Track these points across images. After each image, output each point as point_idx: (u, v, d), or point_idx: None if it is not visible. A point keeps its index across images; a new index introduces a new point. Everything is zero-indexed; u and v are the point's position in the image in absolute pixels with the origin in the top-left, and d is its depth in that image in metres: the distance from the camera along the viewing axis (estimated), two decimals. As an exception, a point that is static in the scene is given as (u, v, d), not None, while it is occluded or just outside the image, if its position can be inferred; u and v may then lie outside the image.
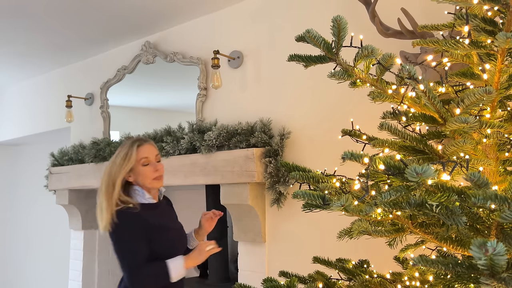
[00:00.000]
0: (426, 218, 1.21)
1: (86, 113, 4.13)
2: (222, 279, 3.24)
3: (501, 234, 1.08)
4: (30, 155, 5.63)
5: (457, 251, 1.21)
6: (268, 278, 1.43)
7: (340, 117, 2.44)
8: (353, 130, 1.54)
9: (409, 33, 2.01)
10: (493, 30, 1.15)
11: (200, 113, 3.19)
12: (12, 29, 3.44)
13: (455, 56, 1.30)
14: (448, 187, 1.03)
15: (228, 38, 3.08)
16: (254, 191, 2.65)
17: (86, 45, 3.85)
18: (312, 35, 1.18)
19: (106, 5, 3.06)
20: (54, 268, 5.11)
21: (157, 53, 3.48)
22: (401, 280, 1.46)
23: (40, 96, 4.74)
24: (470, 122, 1.07)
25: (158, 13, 3.21)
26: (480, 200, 0.92)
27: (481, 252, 0.81)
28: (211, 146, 2.76)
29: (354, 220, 1.32)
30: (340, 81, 1.28)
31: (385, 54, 1.23)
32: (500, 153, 1.28)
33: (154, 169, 1.94)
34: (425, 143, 1.23)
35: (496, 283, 0.86)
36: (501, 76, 1.19)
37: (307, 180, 1.37)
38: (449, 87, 1.30)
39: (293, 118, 2.69)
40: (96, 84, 4.02)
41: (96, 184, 2.93)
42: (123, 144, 1.99)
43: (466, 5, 1.16)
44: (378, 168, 1.04)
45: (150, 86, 3.75)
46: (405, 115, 1.27)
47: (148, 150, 1.95)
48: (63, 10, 3.12)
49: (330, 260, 1.60)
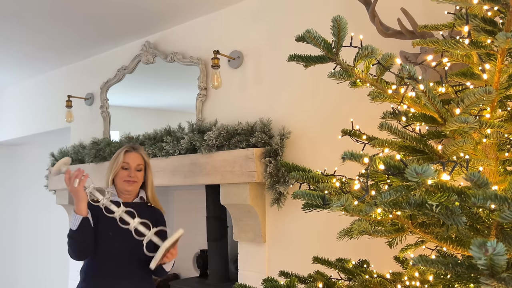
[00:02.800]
0: (426, 218, 1.21)
1: (86, 113, 4.13)
2: (222, 279, 3.23)
3: (501, 234, 1.08)
4: (30, 155, 5.63)
5: (457, 251, 1.21)
6: (268, 278, 1.43)
7: (340, 117, 2.44)
8: (353, 130, 1.54)
9: (409, 33, 2.01)
10: (493, 30, 1.15)
11: (200, 113, 3.19)
12: (12, 29, 3.44)
13: (455, 56, 1.30)
14: (448, 187, 1.03)
15: (228, 38, 3.08)
16: (254, 191, 2.65)
17: (86, 45, 3.85)
18: (312, 35, 1.18)
19: (106, 5, 3.06)
20: (54, 268, 5.12)
21: (157, 53, 3.48)
22: (401, 280, 1.46)
23: (40, 96, 4.74)
24: (470, 122, 1.07)
25: (158, 13, 3.21)
26: (480, 200, 0.92)
27: (481, 252, 0.81)
28: (211, 146, 2.76)
29: (354, 220, 1.32)
30: (340, 81, 1.28)
31: (385, 54, 1.23)
32: (500, 153, 1.28)
33: (129, 174, 2.20)
34: (425, 143, 1.23)
35: (496, 283, 0.86)
36: (501, 76, 1.19)
37: (307, 180, 1.37)
38: (449, 87, 1.30)
39: (293, 118, 2.69)
40: (96, 84, 4.02)
41: (96, 184, 2.93)
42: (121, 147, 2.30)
43: (466, 5, 1.16)
44: (378, 168, 1.04)
45: (150, 86, 3.75)
46: (405, 115, 1.27)
47: (132, 158, 2.23)
48: (63, 10, 3.12)
49: (330, 260, 1.60)
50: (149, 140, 3.17)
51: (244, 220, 2.73)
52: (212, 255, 3.25)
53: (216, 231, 3.23)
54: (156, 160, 3.08)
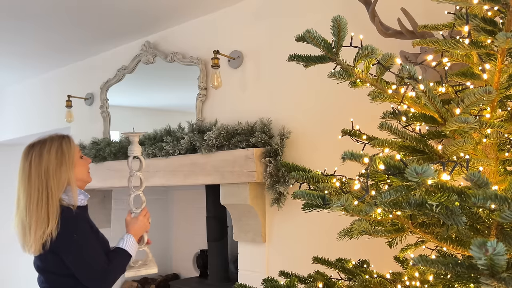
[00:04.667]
0: (426, 218, 1.21)
1: (86, 113, 4.13)
2: (222, 279, 3.24)
3: (501, 234, 1.08)
4: (30, 155, 5.62)
5: (457, 251, 1.21)
6: (268, 278, 1.43)
7: (340, 117, 2.44)
8: (353, 130, 1.54)
9: (409, 33, 2.01)
10: (493, 30, 1.15)
11: (200, 113, 3.19)
12: (12, 29, 3.44)
13: (455, 56, 1.30)
14: (448, 187, 1.03)
15: (228, 38, 3.08)
16: (254, 191, 2.65)
17: (86, 45, 3.85)
18: (312, 35, 1.18)
19: (106, 5, 3.06)
20: (54, 268, 5.11)
21: (157, 53, 3.49)
22: (401, 280, 1.46)
23: (40, 96, 4.74)
24: (470, 122, 1.07)
25: (158, 13, 3.21)
26: (480, 200, 0.92)
27: (481, 252, 0.81)
28: (211, 146, 2.76)
29: (354, 220, 1.32)
30: (340, 81, 1.28)
31: (385, 54, 1.23)
32: (500, 153, 1.28)
33: (88, 162, 2.02)
34: (425, 143, 1.23)
35: (496, 283, 0.86)
36: (501, 76, 1.19)
37: (307, 180, 1.37)
38: (449, 87, 1.30)
39: (293, 118, 2.69)
40: (96, 84, 4.02)
41: (96, 184, 2.93)
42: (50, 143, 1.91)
43: (466, 5, 1.16)
44: (378, 168, 1.04)
45: (150, 86, 3.76)
46: (405, 115, 1.27)
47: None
48: (63, 10, 3.12)
49: (330, 260, 1.60)
50: (149, 140, 3.17)
51: (244, 220, 2.73)
52: (212, 255, 3.25)
53: (216, 231, 3.23)
54: (156, 160, 3.08)
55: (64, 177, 1.83)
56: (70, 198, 1.84)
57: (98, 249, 1.85)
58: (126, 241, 1.93)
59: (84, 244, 1.80)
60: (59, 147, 1.88)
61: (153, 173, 3.08)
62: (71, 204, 1.82)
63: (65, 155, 1.87)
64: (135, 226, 1.99)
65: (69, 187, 1.85)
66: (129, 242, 1.93)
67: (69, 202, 1.83)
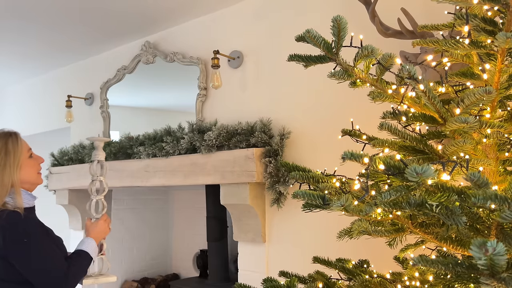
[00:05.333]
0: (426, 218, 1.21)
1: (86, 113, 4.13)
2: (222, 279, 3.24)
3: (501, 234, 1.08)
4: (30, 155, 5.62)
5: (457, 251, 1.21)
6: (268, 278, 1.43)
7: (340, 117, 2.44)
8: (353, 130, 1.54)
9: (409, 33, 2.01)
10: (493, 30, 1.15)
11: (200, 113, 3.19)
12: (12, 29, 3.44)
13: (455, 56, 1.30)
14: (448, 187, 1.03)
15: (228, 38, 3.08)
16: (254, 191, 2.65)
17: (86, 45, 3.85)
18: (312, 35, 1.18)
19: (106, 5, 3.06)
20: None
21: (157, 53, 3.49)
22: (401, 280, 1.46)
23: (40, 96, 4.74)
24: (470, 122, 1.07)
25: (158, 13, 3.21)
26: (480, 200, 0.92)
27: (481, 252, 0.81)
28: (211, 146, 2.76)
29: (354, 220, 1.32)
30: (340, 81, 1.28)
31: (385, 54, 1.23)
32: (500, 153, 1.28)
33: (39, 162, 1.87)
34: (425, 143, 1.23)
35: (496, 283, 0.86)
36: (501, 76, 1.19)
37: (307, 180, 1.37)
38: (449, 87, 1.30)
39: (293, 118, 2.69)
40: (96, 84, 4.02)
41: (96, 184, 2.93)
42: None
43: (466, 5, 1.16)
44: (378, 168, 1.04)
45: (150, 86, 3.76)
46: (405, 115, 1.27)
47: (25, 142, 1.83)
48: (63, 10, 3.12)
49: (330, 260, 1.60)
50: (149, 140, 3.17)
51: (244, 220, 2.73)
52: (212, 255, 3.25)
53: (216, 231, 3.23)
54: (156, 160, 3.08)
55: (7, 180, 1.68)
56: (15, 201, 1.69)
57: (54, 251, 1.72)
58: (88, 244, 1.85)
59: (37, 247, 1.66)
60: (3, 146, 1.71)
61: (153, 173, 3.08)
62: (17, 207, 1.68)
63: (10, 155, 1.71)
64: (95, 230, 1.93)
65: (12, 189, 1.70)
66: (90, 245, 1.85)
67: (15, 205, 1.68)
